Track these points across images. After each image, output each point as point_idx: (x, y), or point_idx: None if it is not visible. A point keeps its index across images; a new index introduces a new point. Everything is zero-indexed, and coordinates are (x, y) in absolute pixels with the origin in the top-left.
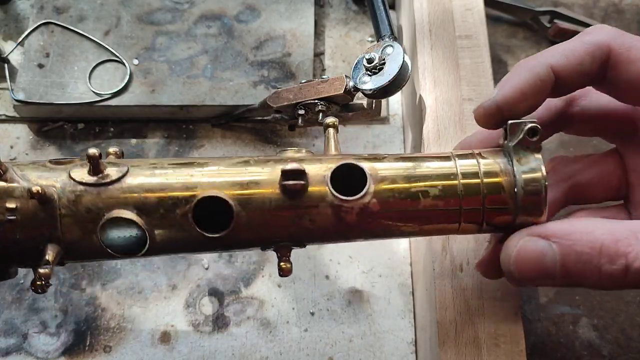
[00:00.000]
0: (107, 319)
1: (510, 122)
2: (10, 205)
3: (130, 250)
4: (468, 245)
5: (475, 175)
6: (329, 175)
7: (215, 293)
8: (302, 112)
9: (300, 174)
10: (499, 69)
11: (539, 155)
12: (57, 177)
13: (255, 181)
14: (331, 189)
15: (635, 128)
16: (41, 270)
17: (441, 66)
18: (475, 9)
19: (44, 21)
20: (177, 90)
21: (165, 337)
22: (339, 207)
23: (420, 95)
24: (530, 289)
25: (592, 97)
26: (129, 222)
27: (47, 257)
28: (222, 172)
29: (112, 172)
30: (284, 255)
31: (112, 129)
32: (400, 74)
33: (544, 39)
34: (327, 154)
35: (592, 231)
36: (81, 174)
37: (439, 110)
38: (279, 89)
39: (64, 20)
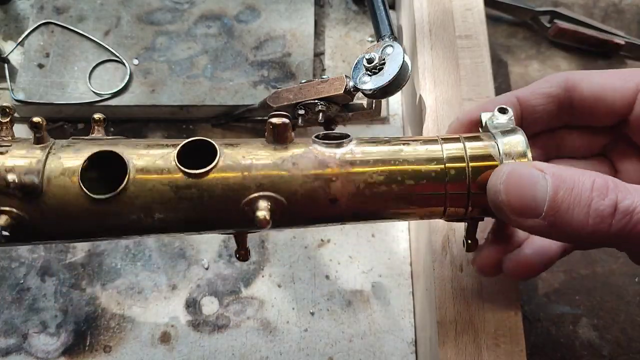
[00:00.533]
0: (107, 319)
1: (482, 113)
2: None
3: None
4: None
5: (461, 159)
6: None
7: (215, 293)
8: (302, 112)
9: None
10: (499, 69)
11: (522, 137)
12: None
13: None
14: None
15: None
16: None
17: (441, 66)
18: (475, 9)
19: (44, 21)
20: (177, 90)
21: (165, 337)
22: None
23: (420, 95)
24: (530, 288)
25: (591, 80)
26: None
27: None
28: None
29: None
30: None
31: (112, 129)
32: (400, 74)
33: (544, 39)
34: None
35: (583, 173)
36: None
37: (439, 110)
38: (279, 89)
39: (64, 20)
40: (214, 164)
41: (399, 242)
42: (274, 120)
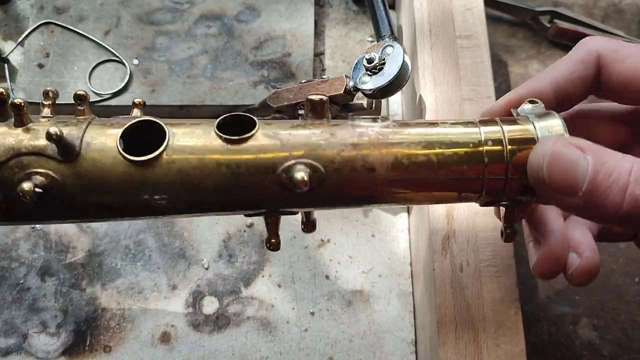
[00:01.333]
0: (107, 319)
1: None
2: None
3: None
4: (468, 246)
5: (499, 142)
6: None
7: (215, 293)
8: (302, 112)
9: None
10: (499, 69)
11: (559, 121)
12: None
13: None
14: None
15: None
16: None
17: (441, 66)
18: (475, 9)
19: (44, 21)
20: (177, 90)
21: (165, 337)
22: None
23: (420, 95)
24: (530, 290)
25: (623, 65)
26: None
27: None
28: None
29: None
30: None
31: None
32: (400, 74)
33: (544, 39)
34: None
35: (623, 156)
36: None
37: (439, 110)
38: (279, 89)
39: (64, 20)
40: (253, 132)
41: (399, 242)
42: (312, 97)
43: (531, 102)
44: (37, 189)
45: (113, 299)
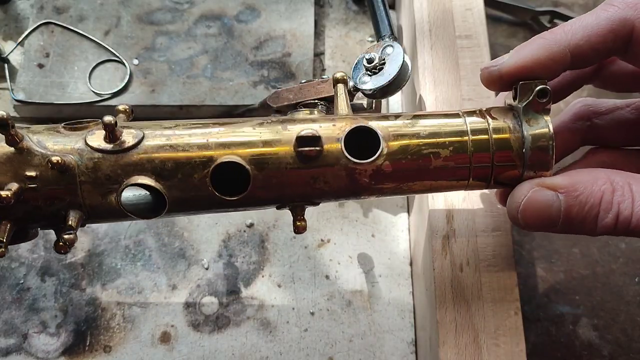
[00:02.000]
0: (107, 319)
1: (520, 82)
2: (30, 173)
3: (149, 212)
4: (468, 246)
5: (484, 131)
6: (343, 138)
7: (215, 293)
8: None
9: (315, 139)
10: None
11: (547, 117)
12: (73, 144)
13: (270, 144)
14: (345, 152)
15: None
16: (66, 236)
17: (441, 66)
18: (475, 9)
19: (44, 21)
20: (177, 90)
21: (165, 337)
22: (352, 170)
23: (420, 95)
24: (530, 290)
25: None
26: (147, 187)
27: (70, 223)
28: (238, 134)
29: (128, 138)
30: (299, 214)
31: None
32: (400, 74)
33: None
34: (339, 114)
35: (595, 182)
36: (98, 140)
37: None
38: (279, 89)
39: (64, 20)
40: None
41: (399, 242)
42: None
43: (541, 94)
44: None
45: (113, 299)
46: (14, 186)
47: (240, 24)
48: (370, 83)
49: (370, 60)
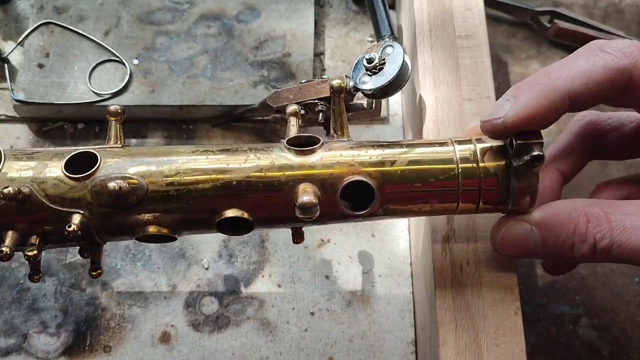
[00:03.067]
0: (107, 319)
1: (517, 142)
2: (48, 227)
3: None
4: (468, 246)
5: (475, 185)
6: (339, 192)
7: (215, 293)
8: (302, 112)
9: (315, 208)
10: (499, 69)
11: (537, 174)
12: (81, 197)
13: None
14: (342, 206)
15: None
16: (93, 273)
17: (441, 66)
18: (475, 9)
19: (44, 21)
20: (177, 90)
21: (165, 337)
22: (349, 215)
23: (420, 95)
24: (530, 290)
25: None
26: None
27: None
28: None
29: (132, 198)
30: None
31: None
32: (400, 74)
33: (544, 39)
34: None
35: (570, 213)
36: (104, 197)
37: (439, 110)
38: (279, 89)
39: (64, 20)
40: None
41: (399, 242)
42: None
43: (536, 160)
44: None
45: (113, 299)
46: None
47: (240, 24)
48: (370, 83)
49: (370, 60)
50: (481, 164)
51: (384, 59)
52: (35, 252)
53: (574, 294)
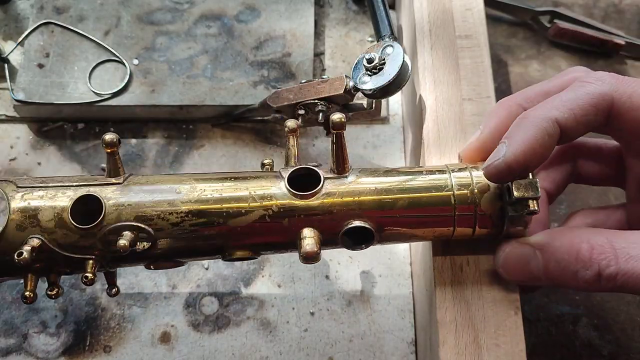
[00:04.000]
0: (107, 319)
1: (515, 196)
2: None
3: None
4: (468, 245)
5: (471, 227)
6: (342, 233)
7: (215, 293)
8: (302, 112)
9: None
10: (499, 69)
11: (529, 224)
12: (92, 247)
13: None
14: (342, 243)
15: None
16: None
17: (441, 66)
18: (475, 9)
19: (44, 21)
20: (177, 90)
21: (165, 337)
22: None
23: (420, 95)
24: (530, 290)
25: (629, 104)
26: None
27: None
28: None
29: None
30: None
31: (112, 129)
32: (400, 74)
33: (544, 39)
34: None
35: (572, 240)
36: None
37: (439, 110)
38: (279, 89)
39: (64, 20)
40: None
41: None
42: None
43: (529, 214)
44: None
45: (113, 299)
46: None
47: (240, 24)
48: (370, 83)
49: (370, 60)
50: (478, 210)
51: (384, 59)
52: (55, 291)
53: (574, 294)
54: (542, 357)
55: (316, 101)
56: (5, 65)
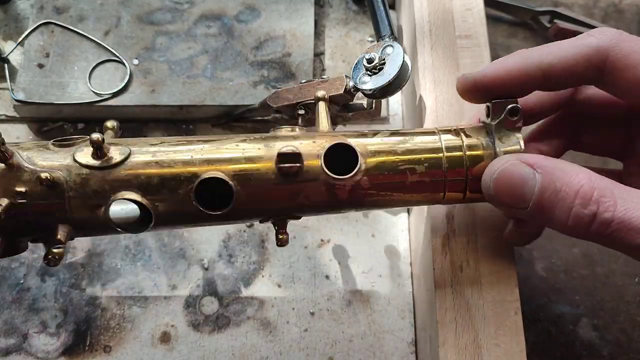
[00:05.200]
0: (107, 319)
1: (492, 101)
2: (20, 189)
3: (136, 226)
4: (468, 245)
5: (458, 148)
6: (323, 154)
7: (215, 293)
8: (302, 112)
9: (295, 156)
10: None
11: (519, 135)
12: (62, 160)
13: (252, 160)
14: (325, 168)
15: None
16: (55, 250)
17: (441, 66)
18: (475, 9)
19: (44, 21)
20: (177, 90)
21: (165, 337)
22: (332, 185)
23: (420, 95)
24: (531, 290)
25: (624, 62)
26: (134, 201)
27: (58, 237)
28: (221, 150)
29: (115, 154)
30: (281, 228)
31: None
32: (400, 74)
33: (544, 39)
34: (320, 131)
35: (576, 174)
36: (86, 157)
37: (439, 110)
38: (279, 89)
39: (64, 20)
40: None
41: (399, 242)
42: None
43: (512, 112)
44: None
45: (113, 299)
46: (4, 201)
47: (240, 24)
48: (370, 83)
49: (370, 60)
50: (464, 138)
51: (384, 59)
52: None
53: (574, 294)
54: (542, 357)
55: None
56: (5, 65)
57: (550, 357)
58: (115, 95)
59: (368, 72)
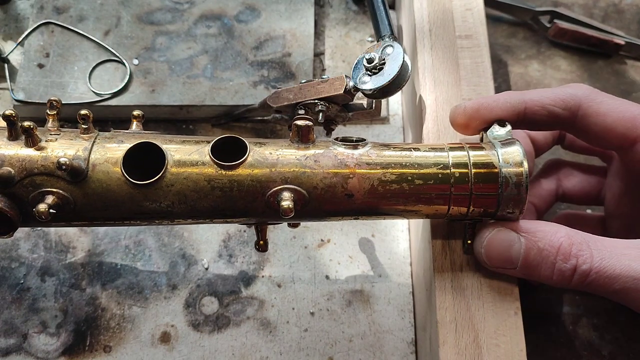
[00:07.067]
0: (107, 319)
1: (483, 131)
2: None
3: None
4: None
5: (465, 165)
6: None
7: (215, 293)
8: (302, 112)
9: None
10: (499, 69)
11: (520, 149)
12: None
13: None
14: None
15: (630, 146)
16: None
17: (441, 66)
18: (475, 9)
19: (44, 21)
20: (177, 90)
21: (165, 337)
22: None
23: (420, 95)
24: (530, 289)
25: (596, 109)
26: None
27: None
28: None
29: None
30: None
31: (112, 129)
32: (400, 74)
33: (544, 39)
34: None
35: (555, 233)
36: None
37: (439, 110)
38: (279, 89)
39: (64, 20)
40: (244, 158)
41: (399, 242)
42: (299, 122)
43: (500, 123)
44: (51, 210)
45: (113, 299)
46: (50, 199)
47: (240, 24)
48: (370, 83)
49: (370, 60)
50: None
51: (384, 59)
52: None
53: (574, 294)
54: (542, 357)
55: (316, 101)
56: (5, 65)
57: (550, 357)
58: (115, 95)
59: (368, 72)
